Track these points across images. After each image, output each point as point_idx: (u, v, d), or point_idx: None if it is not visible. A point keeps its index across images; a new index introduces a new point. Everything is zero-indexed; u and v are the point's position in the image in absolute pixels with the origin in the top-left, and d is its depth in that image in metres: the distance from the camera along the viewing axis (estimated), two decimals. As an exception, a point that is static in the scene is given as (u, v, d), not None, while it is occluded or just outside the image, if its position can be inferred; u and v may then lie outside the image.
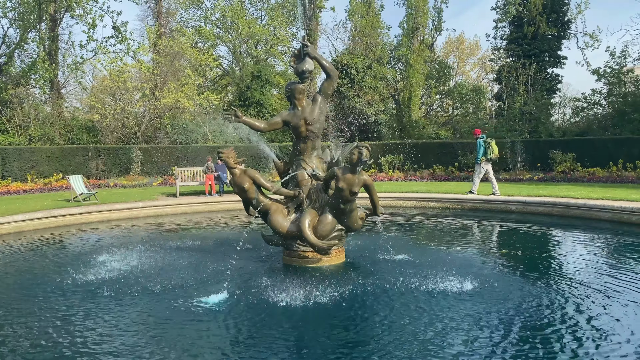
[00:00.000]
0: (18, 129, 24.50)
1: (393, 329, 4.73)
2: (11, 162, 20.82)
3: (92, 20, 27.22)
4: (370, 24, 31.17)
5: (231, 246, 8.64)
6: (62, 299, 5.84)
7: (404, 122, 32.58)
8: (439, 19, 34.66)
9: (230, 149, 7.31)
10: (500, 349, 4.21)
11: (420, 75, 32.55)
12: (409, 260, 7.57)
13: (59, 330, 4.81)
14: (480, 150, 15.12)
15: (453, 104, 38.31)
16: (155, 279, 6.50)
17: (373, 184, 6.97)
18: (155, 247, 8.81)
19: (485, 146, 15.09)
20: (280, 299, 5.55)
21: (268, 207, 7.33)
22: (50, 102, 27.77)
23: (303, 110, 7.39)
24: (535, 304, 5.35)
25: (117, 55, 28.11)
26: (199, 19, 36.41)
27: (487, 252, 8.50)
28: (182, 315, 5.18)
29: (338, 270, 7.10)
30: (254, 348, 4.35)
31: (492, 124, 29.68)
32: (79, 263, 7.62)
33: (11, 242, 9.85)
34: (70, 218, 11.98)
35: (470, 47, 52.32)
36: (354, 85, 26.94)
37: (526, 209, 12.55)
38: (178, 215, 13.77)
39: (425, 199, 14.37)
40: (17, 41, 28.24)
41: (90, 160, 23.05)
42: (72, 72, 29.10)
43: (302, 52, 7.41)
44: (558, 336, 4.50)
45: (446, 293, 5.71)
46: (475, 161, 15.52)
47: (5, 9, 26.13)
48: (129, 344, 4.46)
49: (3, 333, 4.78)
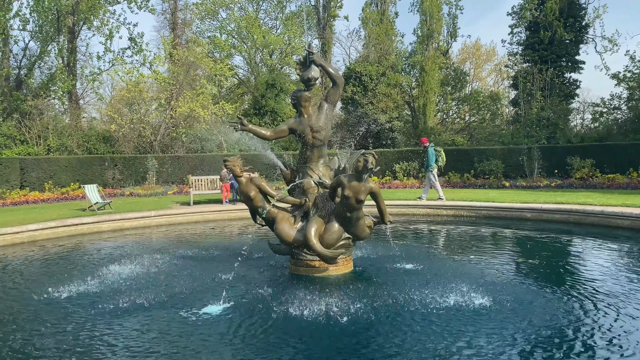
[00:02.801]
0: (37, 139, 24.92)
1: (400, 344, 4.60)
2: (30, 172, 21.15)
3: (109, 32, 27.69)
4: (384, 32, 31.12)
5: (239, 255, 8.56)
6: (57, 307, 5.84)
7: (419, 129, 32.36)
8: (454, 26, 34.41)
9: (236, 158, 7.28)
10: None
11: (436, 82, 32.32)
12: (419, 269, 7.42)
13: (53, 338, 4.81)
14: (432, 158, 15.77)
15: (470, 111, 37.97)
16: (159, 288, 6.47)
17: (380, 192, 6.86)
18: (163, 256, 8.81)
19: (437, 154, 15.84)
20: (283, 309, 5.47)
21: (274, 215, 7.27)
22: (69, 113, 28.21)
23: (309, 117, 7.34)
24: (559, 318, 5.14)
25: (134, 66, 28.50)
26: (214, 29, 36.78)
27: (502, 261, 8.29)
28: (182, 324, 5.14)
29: (345, 279, 7.00)
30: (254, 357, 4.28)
31: (508, 130, 29.32)
32: (84, 272, 7.63)
33: (13, 253, 9.95)
34: (83, 227, 12.09)
35: (486, 53, 51.98)
36: (368, 92, 26.85)
37: (542, 216, 12.30)
38: (190, 224, 13.80)
39: (439, 206, 14.18)
40: (37, 54, 28.84)
41: (107, 170, 23.30)
42: (90, 83, 29.57)
43: (307, 59, 7.37)
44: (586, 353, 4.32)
45: (460, 306, 5.45)
46: (426, 170, 16.03)
47: (25, 22, 26.70)
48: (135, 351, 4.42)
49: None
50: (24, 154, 23.68)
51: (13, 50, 29.25)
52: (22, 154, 23.63)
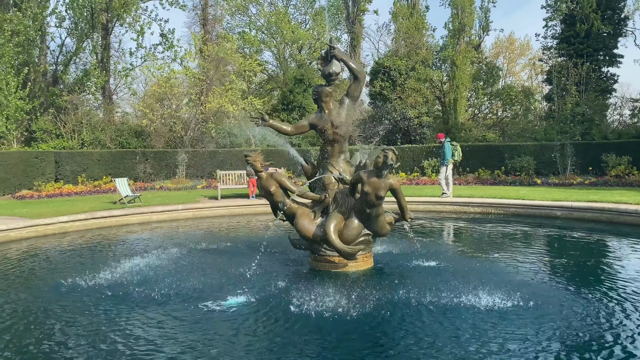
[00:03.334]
0: (72, 133, 25.60)
1: (416, 341, 4.54)
2: (64, 165, 21.75)
3: (141, 28, 28.20)
4: (414, 26, 30.73)
5: (261, 249, 8.63)
6: (87, 299, 5.99)
7: (449, 125, 31.91)
8: (486, 19, 33.76)
9: (257, 153, 7.32)
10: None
11: (467, 76, 31.78)
12: (440, 267, 7.32)
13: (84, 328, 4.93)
14: (448, 152, 15.81)
15: (503, 106, 37.23)
16: (180, 280, 6.55)
17: (400, 188, 6.77)
18: (186, 249, 8.93)
19: (452, 149, 15.88)
20: (299, 304, 5.47)
21: (294, 210, 7.28)
22: (102, 108, 28.90)
23: (330, 113, 7.30)
24: (591, 321, 4.97)
25: (165, 61, 28.97)
26: (244, 24, 37.05)
27: (528, 260, 8.08)
28: (199, 316, 5.24)
29: (365, 276, 6.95)
30: (267, 351, 4.33)
31: (541, 126, 28.61)
32: (109, 263, 7.79)
33: (43, 243, 10.26)
34: (112, 220, 12.37)
35: (520, 47, 50.80)
36: (396, 87, 26.59)
37: (572, 214, 11.95)
38: (216, 218, 13.95)
39: (466, 203, 13.95)
40: (73, 50, 29.63)
41: (138, 164, 23.74)
42: (123, 79, 30.21)
43: (328, 54, 7.31)
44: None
45: (481, 307, 5.30)
46: (442, 164, 16.06)
47: (61, 19, 27.46)
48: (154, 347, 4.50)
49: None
50: (59, 147, 24.36)
51: (50, 46, 30.15)
52: (57, 147, 24.31)
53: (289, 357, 4.27)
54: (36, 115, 25.62)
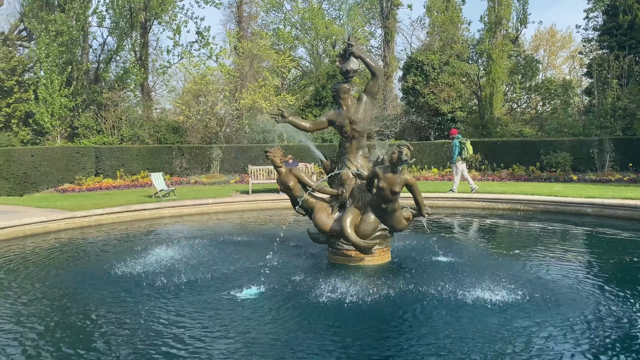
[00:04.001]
0: (111, 129, 26.54)
1: (423, 335, 4.65)
2: (104, 160, 22.59)
3: (177, 27, 28.89)
4: (449, 20, 30.32)
5: (283, 242, 8.89)
6: (110, 283, 6.35)
7: (485, 120, 31.38)
8: (524, 11, 32.98)
9: (276, 149, 7.52)
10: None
11: (503, 70, 31.16)
12: (457, 263, 7.35)
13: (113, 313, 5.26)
14: (455, 150, 16.00)
15: (542, 100, 36.33)
16: (203, 271, 6.87)
17: (416, 184, 6.84)
18: (213, 241, 9.26)
19: (461, 146, 16.01)
20: (314, 295, 5.70)
21: (312, 205, 7.46)
22: (141, 105, 29.80)
23: (348, 109, 7.42)
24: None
25: (200, 59, 29.58)
26: (279, 21, 37.38)
27: (552, 257, 7.99)
28: (218, 304, 5.57)
29: (380, 269, 7.07)
30: (281, 336, 4.64)
31: (581, 120, 27.80)
32: (140, 253, 8.16)
33: (81, 234, 10.78)
34: (145, 213, 12.86)
35: (562, 39, 49.32)
36: (429, 82, 26.34)
37: (603, 212, 11.67)
38: (245, 212, 14.29)
39: (495, 199, 13.80)
40: (114, 49, 30.65)
41: (175, 159, 24.39)
42: (160, 76, 31.06)
43: (346, 51, 7.43)
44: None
45: (496, 306, 5.30)
46: (450, 161, 16.29)
47: (102, 19, 28.44)
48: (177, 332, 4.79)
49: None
50: (99, 143, 25.32)
51: (92, 45, 31.26)
52: (97, 143, 25.27)
53: (313, 340, 4.57)
54: (78, 112, 26.67)
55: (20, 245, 9.46)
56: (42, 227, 10.66)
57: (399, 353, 4.28)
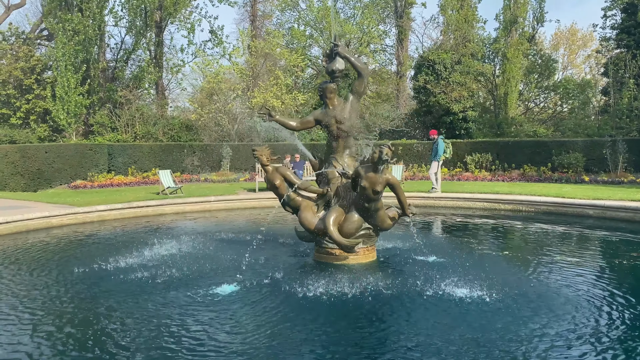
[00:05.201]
0: (125, 127, 27.00)
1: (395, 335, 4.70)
2: (117, 157, 23.01)
3: (191, 25, 29.26)
4: (464, 18, 30.02)
5: (274, 240, 9.00)
6: (97, 277, 6.52)
7: (499, 120, 31.04)
8: (541, 10, 32.49)
9: (264, 147, 7.63)
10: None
11: (519, 70, 30.78)
12: (442, 262, 7.34)
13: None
14: (440, 149, 16.36)
15: (560, 100, 35.77)
16: (185, 267, 6.98)
17: (398, 183, 6.87)
18: (203, 238, 9.40)
19: (446, 146, 16.55)
20: (292, 291, 5.83)
21: (298, 203, 7.54)
22: (155, 103, 30.25)
23: (334, 109, 7.48)
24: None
25: (214, 57, 29.90)
26: (294, 20, 37.48)
27: (533, 257, 7.94)
28: (195, 301, 5.66)
29: (363, 268, 7.10)
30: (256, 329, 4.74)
31: (597, 121, 27.33)
32: (133, 250, 8.33)
33: (82, 230, 11.03)
34: (147, 209, 13.09)
35: (582, 38, 48.47)
36: (440, 81, 26.16)
37: (605, 213, 11.49)
38: (247, 210, 14.43)
39: (496, 200, 13.68)
40: (131, 48, 31.21)
41: (186, 157, 24.70)
42: (174, 75, 31.50)
43: (332, 51, 7.48)
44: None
45: (466, 298, 5.42)
46: (433, 159, 16.61)
47: (117, 18, 28.97)
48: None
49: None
50: (113, 140, 25.78)
51: (109, 44, 31.82)
52: (112, 140, 25.74)
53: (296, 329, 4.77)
54: (94, 110, 27.20)
55: (22, 238, 9.75)
56: (45, 222, 10.95)
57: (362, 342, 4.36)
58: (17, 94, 27.07)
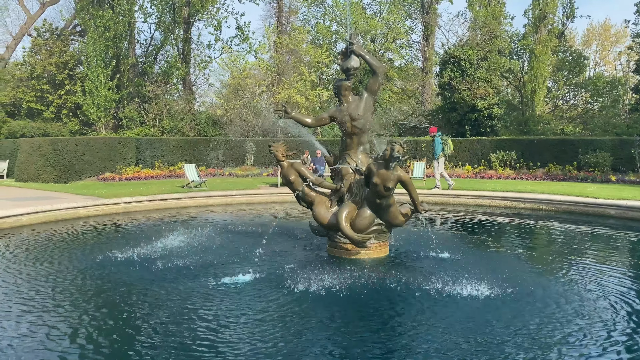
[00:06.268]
0: (153, 121, 27.62)
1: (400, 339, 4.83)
2: (144, 151, 23.60)
3: (218, 22, 29.68)
4: (492, 14, 29.66)
5: (288, 234, 9.20)
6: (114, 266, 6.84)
7: (525, 117, 30.62)
8: (571, 5, 31.86)
9: (280, 143, 7.84)
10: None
11: (546, 67, 30.30)
12: (454, 260, 7.41)
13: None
14: (438, 147, 16.34)
15: (591, 97, 35.02)
16: (207, 258, 7.25)
17: (410, 180, 6.98)
18: (223, 231, 9.69)
19: (443, 143, 16.41)
20: (305, 284, 5.95)
21: (312, 198, 7.73)
22: (183, 98, 30.83)
23: (349, 106, 7.62)
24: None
25: (240, 53, 30.29)
26: (320, 16, 37.61)
27: (553, 259, 7.94)
28: (214, 290, 5.92)
29: (375, 263, 7.24)
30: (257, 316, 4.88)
31: (627, 119, 26.72)
32: (153, 240, 8.66)
33: (108, 220, 11.45)
34: (170, 202, 13.47)
35: (616, 34, 47.22)
36: (466, 78, 25.93)
37: (626, 214, 11.32)
38: (268, 204, 14.69)
39: (516, 199, 13.59)
40: (160, 44, 31.84)
41: (211, 151, 25.16)
42: (201, 71, 32.00)
43: (348, 49, 7.61)
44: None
45: (473, 295, 5.48)
46: (433, 157, 16.67)
47: (146, 15, 29.59)
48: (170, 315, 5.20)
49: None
50: (142, 134, 26.42)
51: (140, 40, 32.56)
52: (140, 134, 26.38)
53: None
54: (123, 105, 27.90)
55: (51, 228, 10.20)
56: (73, 213, 11.41)
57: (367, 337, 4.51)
58: (50, 88, 27.96)
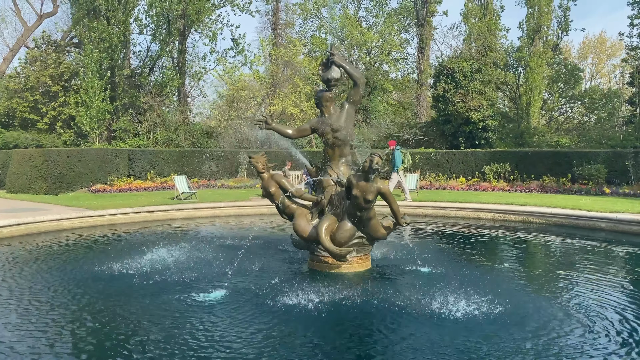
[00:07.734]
0: (147, 133, 27.54)
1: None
2: (136, 162, 23.47)
3: (213, 34, 29.75)
4: (487, 27, 29.75)
5: (272, 247, 9.05)
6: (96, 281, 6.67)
7: (520, 129, 30.57)
8: (565, 18, 31.98)
9: (260, 155, 7.73)
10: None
11: (541, 79, 30.33)
12: (436, 273, 7.27)
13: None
14: (398, 160, 16.82)
15: (587, 110, 35.04)
16: (182, 273, 7.09)
17: (389, 193, 6.86)
18: (205, 244, 9.55)
19: (402, 156, 17.04)
20: (280, 298, 5.85)
21: (293, 211, 7.60)
22: (177, 109, 30.81)
23: (330, 117, 7.53)
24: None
25: (234, 65, 30.31)
26: (315, 28, 37.74)
27: (537, 271, 7.81)
28: (185, 308, 5.71)
29: (356, 277, 7.10)
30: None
31: (621, 131, 26.68)
32: (134, 254, 8.50)
33: (89, 234, 11.29)
34: (157, 214, 13.31)
35: (611, 47, 47.48)
36: (459, 89, 25.92)
37: (617, 227, 11.18)
38: (256, 216, 14.53)
39: (507, 211, 13.46)
40: (155, 55, 31.89)
41: (204, 163, 25.05)
42: (196, 82, 32.03)
43: (328, 60, 7.53)
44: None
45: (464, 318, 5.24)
46: (393, 170, 17.03)
47: (142, 26, 29.67)
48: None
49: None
50: (135, 145, 26.32)
51: (135, 52, 32.59)
52: (133, 146, 26.28)
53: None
54: (117, 116, 27.84)
55: (32, 240, 10.04)
56: (55, 225, 11.24)
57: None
58: (44, 99, 27.91)
